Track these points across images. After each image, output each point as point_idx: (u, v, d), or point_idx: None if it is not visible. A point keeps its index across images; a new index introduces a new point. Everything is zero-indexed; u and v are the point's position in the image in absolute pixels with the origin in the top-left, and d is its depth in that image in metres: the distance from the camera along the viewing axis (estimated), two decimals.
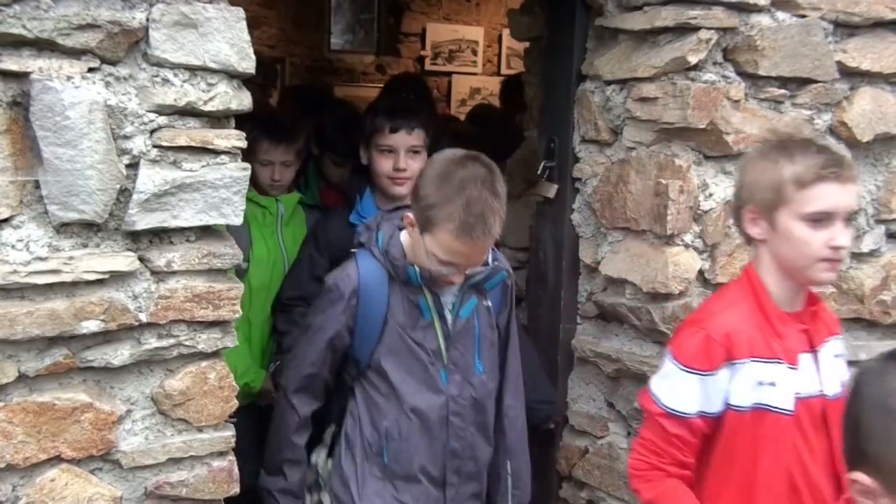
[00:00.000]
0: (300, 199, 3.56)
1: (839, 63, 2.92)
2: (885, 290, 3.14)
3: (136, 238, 2.08)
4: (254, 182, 3.04)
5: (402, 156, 3.01)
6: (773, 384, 2.14)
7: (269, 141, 3.38)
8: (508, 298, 2.62)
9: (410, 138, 3.03)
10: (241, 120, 2.19)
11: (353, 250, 2.57)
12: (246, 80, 2.17)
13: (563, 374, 3.21)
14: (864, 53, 2.95)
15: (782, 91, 2.87)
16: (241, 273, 2.90)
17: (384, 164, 3.02)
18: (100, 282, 2.01)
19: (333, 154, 3.73)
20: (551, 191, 3.19)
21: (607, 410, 3.10)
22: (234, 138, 2.11)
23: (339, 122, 3.75)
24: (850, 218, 2.13)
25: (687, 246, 2.83)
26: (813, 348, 2.22)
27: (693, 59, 2.70)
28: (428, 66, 7.57)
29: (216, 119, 2.12)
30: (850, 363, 3.10)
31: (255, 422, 3.03)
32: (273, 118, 3.59)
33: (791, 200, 2.09)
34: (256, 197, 3.33)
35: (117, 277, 2.04)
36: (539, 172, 3.22)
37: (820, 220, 2.07)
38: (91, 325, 2.01)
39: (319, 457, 2.62)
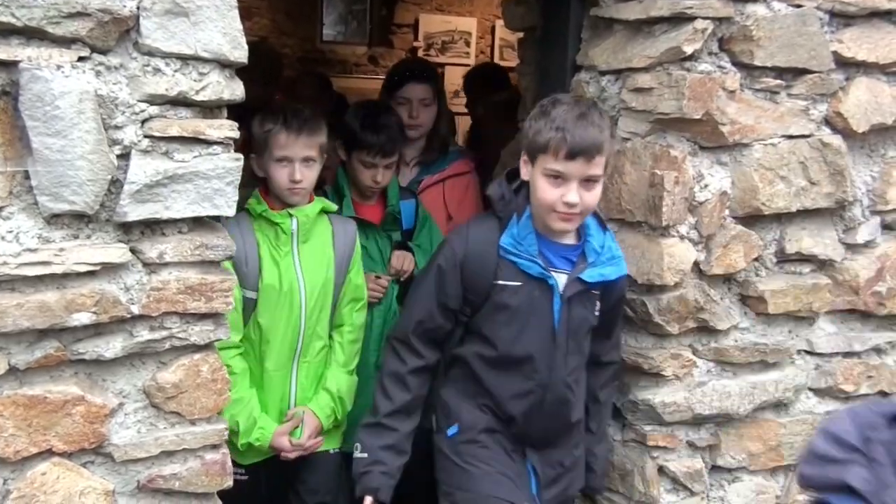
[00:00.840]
0: (324, 209, 2.96)
1: (835, 53, 2.91)
2: (880, 282, 3.13)
3: (127, 229, 2.06)
4: (267, 192, 2.89)
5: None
6: None
7: (286, 133, 2.83)
8: None
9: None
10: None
11: None
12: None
13: None
14: (859, 44, 2.94)
15: (778, 81, 2.86)
16: (249, 306, 2.80)
17: None
18: (91, 273, 2.00)
19: (364, 153, 3.28)
20: None
21: None
22: (226, 128, 2.10)
23: (367, 115, 3.40)
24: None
25: (682, 237, 2.82)
26: None
27: (688, 49, 2.69)
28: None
29: (208, 109, 2.11)
30: (846, 355, 3.14)
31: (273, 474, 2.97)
32: (290, 107, 3.04)
33: None
34: (267, 213, 2.82)
35: (109, 269, 2.03)
36: None
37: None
38: (82, 318, 2.00)
39: None
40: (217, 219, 2.18)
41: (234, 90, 2.11)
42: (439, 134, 3.79)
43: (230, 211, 2.14)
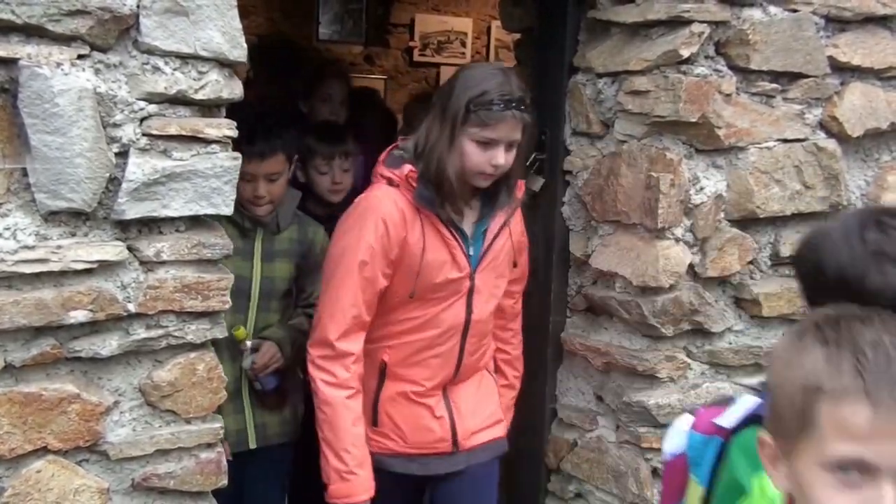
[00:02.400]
0: None
1: (830, 58, 2.92)
2: None
3: (125, 227, 2.06)
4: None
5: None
6: None
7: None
8: None
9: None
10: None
11: None
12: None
13: (552, 367, 3.21)
14: (855, 48, 2.95)
15: (774, 85, 2.87)
16: None
17: None
18: (88, 271, 2.00)
19: None
20: (537, 184, 3.17)
21: (596, 404, 3.10)
22: (224, 127, 2.10)
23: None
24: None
25: (677, 239, 2.83)
26: None
27: (685, 53, 2.70)
28: (416, 58, 7.53)
29: (207, 108, 2.11)
30: None
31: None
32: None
33: None
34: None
35: (106, 267, 2.02)
36: (528, 164, 3.21)
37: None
38: (79, 315, 1.99)
39: None
40: (215, 218, 2.18)
41: (234, 89, 2.11)
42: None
43: (228, 210, 2.14)
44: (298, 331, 2.90)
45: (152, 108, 2.02)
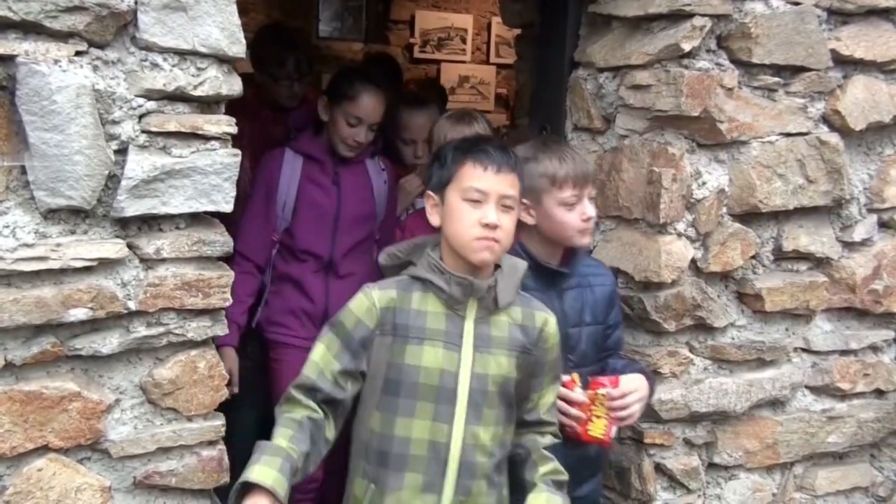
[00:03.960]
0: None
1: (833, 51, 2.91)
2: (877, 280, 3.13)
3: (124, 225, 2.05)
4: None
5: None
6: None
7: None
8: None
9: None
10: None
11: None
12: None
13: None
14: (857, 41, 2.94)
15: (776, 79, 2.86)
16: None
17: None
18: (88, 269, 1.99)
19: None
20: None
21: None
22: (224, 124, 2.09)
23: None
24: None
25: (679, 234, 2.82)
26: None
27: (687, 47, 2.69)
28: (417, 54, 7.51)
29: (206, 104, 2.10)
30: (842, 353, 3.14)
31: None
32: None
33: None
34: None
35: (106, 265, 2.02)
36: None
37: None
38: (79, 313, 1.99)
39: None
40: (215, 215, 2.17)
41: (233, 85, 2.10)
42: None
43: (228, 207, 2.13)
44: None
45: (151, 104, 2.02)
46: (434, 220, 2.19)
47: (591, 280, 2.60)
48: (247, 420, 3.20)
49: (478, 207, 2.09)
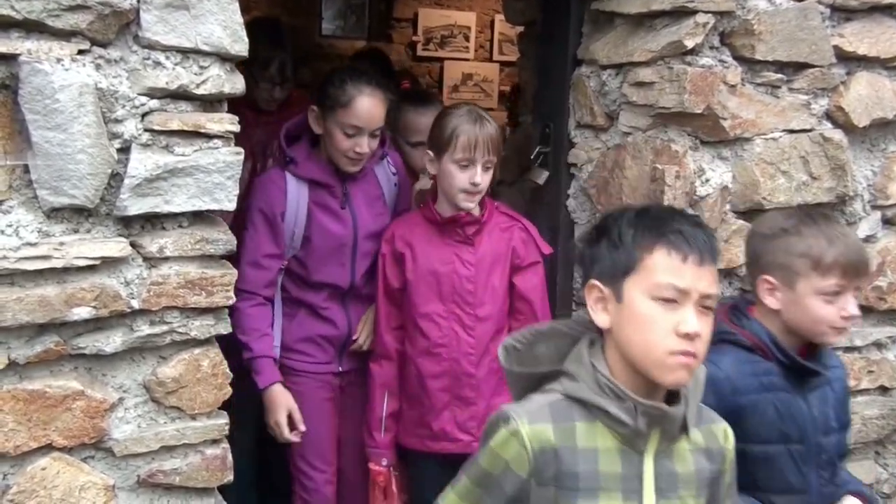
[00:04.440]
0: None
1: (836, 47, 2.90)
2: (881, 276, 3.13)
3: (127, 223, 2.06)
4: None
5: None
6: None
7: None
8: None
9: None
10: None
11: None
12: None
13: None
14: (861, 38, 2.93)
15: (779, 76, 2.85)
16: None
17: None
18: (91, 268, 1.99)
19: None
20: (542, 177, 3.17)
21: None
22: (226, 122, 2.09)
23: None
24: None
25: None
26: None
27: (690, 44, 2.68)
28: (420, 52, 7.51)
29: (209, 103, 2.10)
30: (847, 350, 3.13)
31: None
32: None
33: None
34: None
35: (109, 263, 2.02)
36: (533, 158, 3.20)
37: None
38: (82, 312, 1.99)
39: None
40: (217, 213, 2.17)
41: (235, 83, 2.10)
42: None
43: (230, 205, 2.13)
44: None
45: (154, 103, 2.02)
46: (601, 320, 1.70)
47: (829, 374, 2.27)
48: (246, 442, 3.19)
49: (673, 310, 1.61)
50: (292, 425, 2.77)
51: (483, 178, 2.71)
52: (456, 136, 2.68)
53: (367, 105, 2.74)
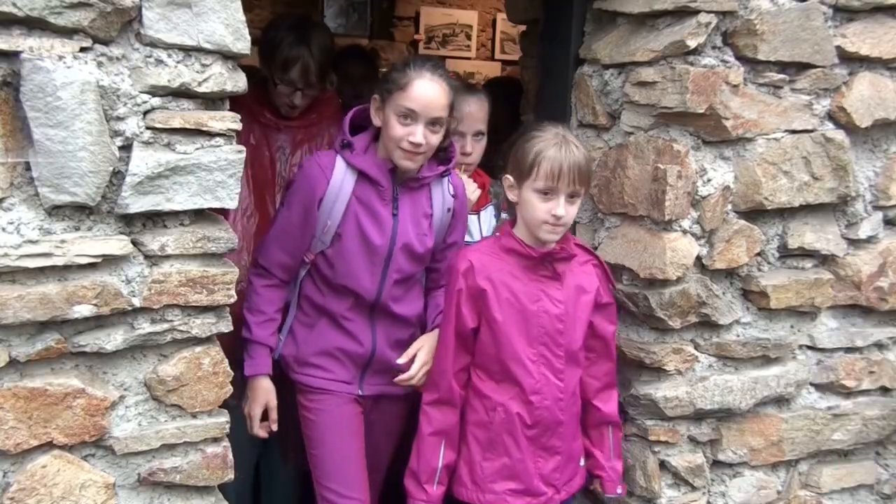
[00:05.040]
0: None
1: (838, 48, 2.90)
2: (882, 277, 3.12)
3: (129, 221, 2.05)
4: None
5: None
6: None
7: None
8: None
9: None
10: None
11: None
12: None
13: None
14: (863, 38, 2.93)
15: (781, 76, 2.85)
16: None
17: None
18: (92, 266, 1.99)
19: None
20: None
21: None
22: (228, 120, 2.09)
23: None
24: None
25: (685, 232, 2.81)
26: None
27: (692, 43, 2.68)
28: (422, 50, 7.53)
29: (210, 101, 2.10)
30: (847, 350, 3.13)
31: None
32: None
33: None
34: None
35: (110, 261, 2.02)
36: None
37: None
38: (83, 310, 1.99)
39: None
40: (219, 211, 2.17)
41: (237, 81, 2.10)
42: None
43: (232, 203, 2.13)
44: None
45: (156, 101, 2.01)
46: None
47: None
48: (288, 476, 3.17)
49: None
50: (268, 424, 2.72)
51: (568, 211, 2.54)
52: (538, 162, 2.51)
53: (426, 89, 2.55)
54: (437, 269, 2.86)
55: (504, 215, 2.92)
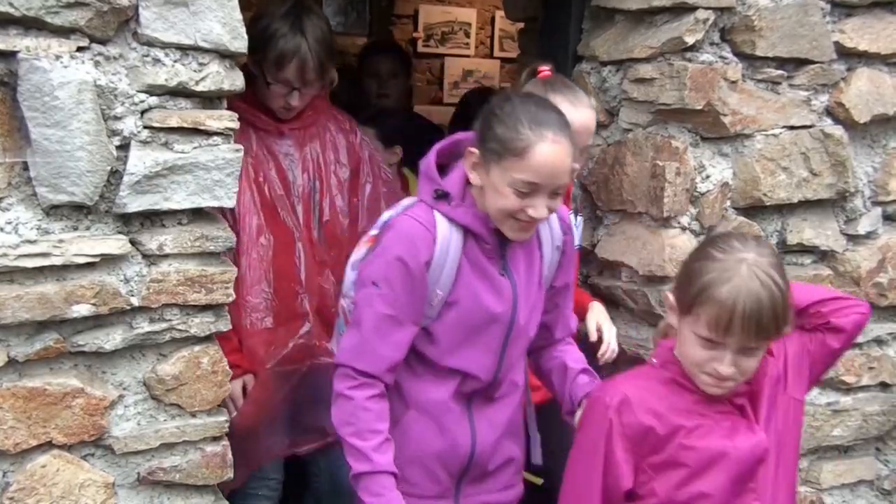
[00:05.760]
0: None
1: (837, 43, 2.90)
2: (882, 273, 3.12)
3: (127, 221, 2.05)
4: None
5: None
6: None
7: None
8: None
9: None
10: None
11: None
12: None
13: None
14: (861, 34, 2.93)
15: (780, 72, 2.85)
16: None
17: None
18: (90, 265, 1.99)
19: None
20: None
21: None
22: (226, 119, 2.08)
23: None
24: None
25: (683, 228, 2.81)
26: None
27: (690, 40, 2.68)
28: (420, 49, 7.51)
29: (208, 100, 2.10)
30: None
31: None
32: None
33: None
34: None
35: (108, 261, 2.02)
36: None
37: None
38: (82, 310, 1.99)
39: None
40: (217, 210, 2.17)
41: (234, 80, 2.10)
42: None
43: (230, 202, 2.13)
44: None
45: (153, 100, 2.01)
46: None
47: None
48: None
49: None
50: None
51: (740, 365, 1.91)
52: (702, 300, 1.88)
53: (550, 156, 1.96)
54: (547, 322, 2.30)
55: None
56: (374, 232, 2.19)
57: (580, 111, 2.45)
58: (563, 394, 2.28)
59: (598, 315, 2.65)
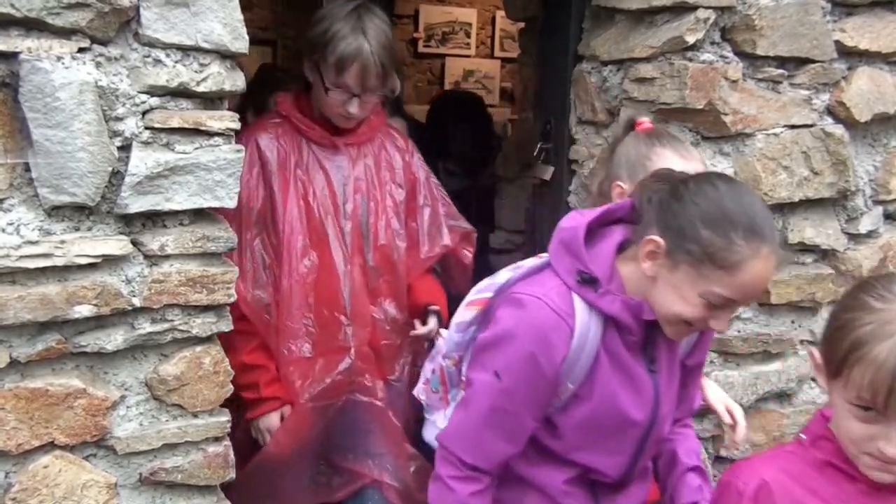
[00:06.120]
0: None
1: (837, 42, 2.90)
2: (883, 272, 3.12)
3: (128, 221, 2.05)
4: None
5: None
6: None
7: None
8: None
9: None
10: None
11: None
12: None
13: None
14: (862, 33, 2.93)
15: (780, 71, 2.85)
16: None
17: None
18: (92, 266, 1.99)
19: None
20: (547, 173, 3.17)
21: None
22: (227, 119, 2.08)
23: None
24: None
25: None
26: None
27: (691, 39, 2.68)
28: (421, 49, 7.52)
29: (209, 100, 2.09)
30: None
31: None
32: None
33: None
34: None
35: (110, 261, 2.02)
36: (535, 154, 3.20)
37: None
38: (83, 310, 1.99)
39: None
40: (218, 211, 2.17)
41: (235, 81, 2.10)
42: None
43: (231, 203, 2.13)
44: None
45: (154, 101, 2.01)
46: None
47: None
48: None
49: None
50: None
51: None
52: (853, 361, 1.49)
53: (763, 273, 1.70)
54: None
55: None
56: (484, 295, 1.95)
57: (692, 164, 2.09)
58: (665, 488, 2.09)
59: (719, 392, 2.37)
